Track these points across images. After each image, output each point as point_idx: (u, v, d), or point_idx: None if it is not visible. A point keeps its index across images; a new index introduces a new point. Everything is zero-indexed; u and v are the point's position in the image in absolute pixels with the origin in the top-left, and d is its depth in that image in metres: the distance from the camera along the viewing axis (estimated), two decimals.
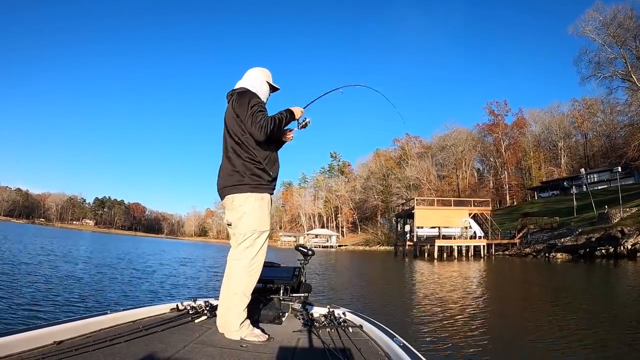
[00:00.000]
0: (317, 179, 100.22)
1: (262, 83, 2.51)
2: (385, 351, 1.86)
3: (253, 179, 2.25)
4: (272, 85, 2.59)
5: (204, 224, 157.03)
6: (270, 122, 2.21)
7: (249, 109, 2.23)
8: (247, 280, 2.19)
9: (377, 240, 65.03)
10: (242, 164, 2.26)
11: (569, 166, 62.22)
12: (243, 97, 2.33)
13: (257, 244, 2.24)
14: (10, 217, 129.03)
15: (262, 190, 2.27)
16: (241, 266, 2.20)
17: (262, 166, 2.27)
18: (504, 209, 55.62)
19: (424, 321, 7.15)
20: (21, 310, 6.46)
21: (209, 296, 2.91)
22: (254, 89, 2.43)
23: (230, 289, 2.18)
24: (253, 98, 2.31)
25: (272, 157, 2.38)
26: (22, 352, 1.56)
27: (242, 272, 2.19)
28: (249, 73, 2.55)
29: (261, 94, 2.46)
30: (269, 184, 2.32)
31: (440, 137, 76.99)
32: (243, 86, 2.46)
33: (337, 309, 2.70)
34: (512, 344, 5.85)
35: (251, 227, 2.23)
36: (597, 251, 22.68)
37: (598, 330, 6.43)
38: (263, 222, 2.27)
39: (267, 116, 2.23)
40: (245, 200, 2.24)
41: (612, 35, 38.97)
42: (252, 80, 2.50)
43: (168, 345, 1.82)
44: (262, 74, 2.55)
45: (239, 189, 2.25)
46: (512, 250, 31.49)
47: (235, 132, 2.30)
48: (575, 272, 18.28)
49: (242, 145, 2.28)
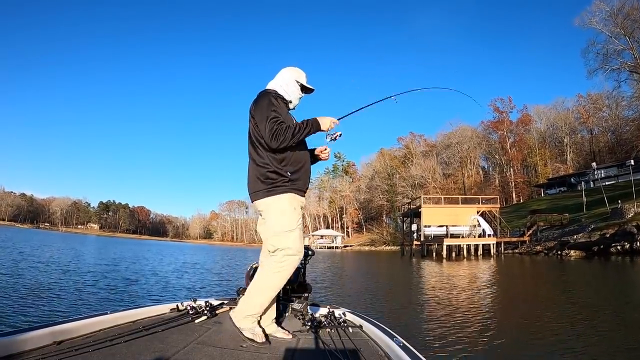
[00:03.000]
0: (321, 179, 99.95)
1: (289, 83, 2.40)
2: (385, 351, 1.87)
3: (267, 182, 2.18)
4: (304, 86, 2.44)
5: (209, 226, 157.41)
6: (286, 131, 2.09)
7: (264, 112, 2.13)
8: (272, 277, 2.13)
9: (382, 240, 64.48)
10: (255, 169, 2.22)
11: (575, 162, 61.81)
12: (262, 98, 2.24)
13: (287, 243, 2.15)
14: (14, 222, 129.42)
15: (280, 191, 2.18)
16: (269, 266, 2.15)
17: (273, 168, 2.17)
18: (511, 207, 54.99)
19: (435, 323, 6.78)
20: (21, 310, 6.44)
21: (209, 296, 2.90)
22: (281, 90, 2.35)
23: (254, 281, 2.17)
24: (272, 100, 2.20)
25: (294, 157, 2.25)
26: (22, 352, 1.56)
27: (269, 268, 2.14)
28: (279, 73, 2.45)
29: (289, 94, 2.38)
30: (287, 183, 2.20)
31: (444, 135, 76.80)
32: (269, 87, 2.38)
33: (337, 309, 2.71)
34: (523, 349, 5.41)
35: (274, 230, 2.18)
36: (611, 248, 22.02)
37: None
38: (287, 222, 2.17)
39: (281, 123, 2.11)
40: (265, 207, 2.21)
41: (620, 26, 38.36)
42: (279, 80, 2.41)
43: (168, 345, 1.83)
44: (291, 73, 2.43)
45: (256, 196, 2.22)
46: (522, 249, 30.81)
47: (251, 134, 2.25)
48: (592, 270, 17.66)
49: (257, 148, 2.21)
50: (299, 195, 2.26)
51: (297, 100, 2.42)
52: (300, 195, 2.27)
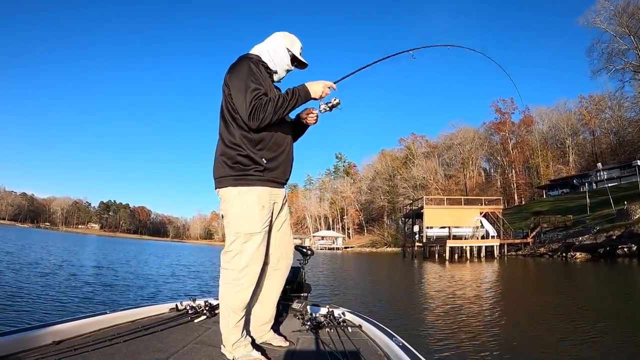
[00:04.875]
0: (322, 180, 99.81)
1: (278, 49, 1.95)
2: (385, 351, 1.85)
3: (236, 168, 1.78)
4: (295, 57, 1.99)
5: (210, 226, 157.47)
6: (266, 105, 1.69)
7: (242, 82, 1.72)
8: (234, 296, 1.76)
9: (384, 242, 64.16)
10: (224, 150, 1.81)
11: (577, 164, 61.52)
12: (240, 64, 1.81)
13: (247, 250, 1.77)
14: (15, 221, 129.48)
15: (250, 182, 1.78)
16: (229, 277, 1.78)
17: (246, 152, 1.76)
18: (513, 208, 54.61)
19: (436, 326, 6.65)
20: (21, 310, 6.39)
21: (209, 296, 2.87)
22: (266, 56, 1.93)
23: (220, 303, 1.83)
24: (252, 67, 1.77)
25: (273, 140, 1.84)
26: (20, 352, 1.55)
27: (229, 286, 1.78)
28: (270, 36, 2.01)
29: (275, 63, 1.94)
30: (260, 173, 1.80)
31: (446, 136, 76.50)
32: (252, 51, 1.95)
33: (337, 309, 2.67)
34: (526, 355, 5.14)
35: (235, 229, 1.78)
36: (618, 250, 21.70)
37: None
38: (252, 222, 1.78)
39: (260, 96, 1.70)
40: (227, 197, 1.80)
41: (625, 25, 38.06)
42: (267, 45, 1.97)
43: (167, 345, 1.82)
44: (282, 39, 1.98)
45: (220, 183, 1.82)
46: (526, 250, 30.52)
47: (223, 107, 1.83)
48: (598, 273, 17.32)
49: (229, 125, 1.80)
50: (275, 187, 1.87)
51: (283, 72, 1.99)
52: (276, 187, 1.88)
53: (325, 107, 1.94)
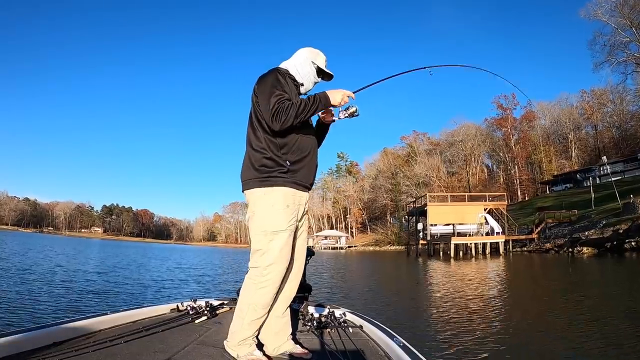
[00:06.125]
0: (325, 179, 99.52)
1: (304, 63, 2.10)
2: (385, 351, 1.85)
3: (261, 171, 1.89)
4: (321, 69, 2.13)
5: (213, 228, 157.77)
6: (289, 109, 1.78)
7: (268, 89, 1.85)
8: (256, 292, 1.81)
9: (387, 240, 64.05)
10: (251, 154, 1.94)
11: (580, 159, 61.25)
12: (269, 74, 1.95)
13: (272, 248, 1.82)
14: (18, 226, 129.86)
15: (274, 183, 1.88)
16: (253, 274, 1.84)
17: (270, 154, 1.87)
18: (517, 204, 54.38)
19: (441, 326, 6.49)
20: (21, 311, 6.40)
21: (210, 297, 2.87)
22: (293, 69, 2.06)
23: (241, 298, 1.87)
24: (279, 78, 1.91)
25: (298, 144, 1.94)
26: (21, 353, 1.55)
27: (252, 282, 1.84)
28: (295, 53, 2.17)
29: (302, 76, 2.07)
30: (285, 174, 1.89)
31: (448, 133, 76.26)
32: (281, 65, 2.10)
33: (337, 309, 2.67)
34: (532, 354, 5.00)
35: (261, 227, 1.85)
36: (625, 244, 21.44)
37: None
38: (277, 220, 1.85)
39: (284, 101, 1.80)
40: (253, 198, 1.90)
41: (626, 17, 37.80)
42: (293, 60, 2.13)
43: (168, 345, 1.82)
44: (307, 53, 2.13)
45: (247, 185, 1.93)
46: (531, 246, 30.21)
47: (252, 114, 1.97)
48: (607, 268, 17.12)
49: (256, 131, 1.92)
50: (298, 189, 1.94)
51: (310, 84, 2.11)
52: (300, 189, 1.95)
53: (345, 114, 2.07)
